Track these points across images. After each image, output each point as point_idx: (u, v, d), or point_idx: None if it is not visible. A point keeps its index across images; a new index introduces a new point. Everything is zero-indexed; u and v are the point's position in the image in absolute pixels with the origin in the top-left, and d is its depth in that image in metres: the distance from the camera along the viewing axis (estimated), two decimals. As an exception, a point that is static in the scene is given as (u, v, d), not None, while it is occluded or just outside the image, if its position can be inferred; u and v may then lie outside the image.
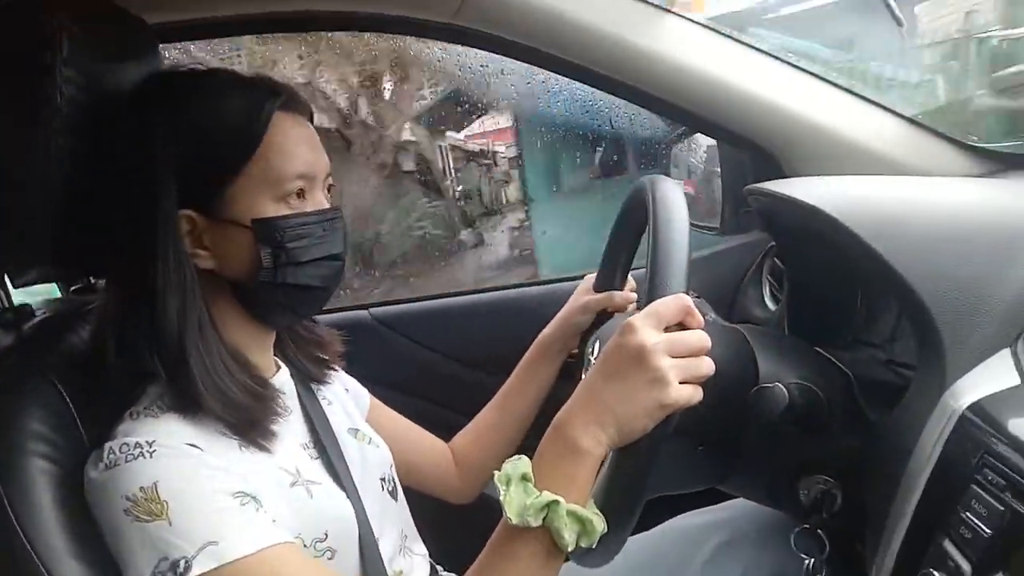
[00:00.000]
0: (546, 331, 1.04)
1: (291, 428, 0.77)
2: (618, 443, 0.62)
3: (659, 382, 0.60)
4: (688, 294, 0.64)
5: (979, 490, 0.53)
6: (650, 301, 0.63)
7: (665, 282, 0.63)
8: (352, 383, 0.98)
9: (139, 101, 0.72)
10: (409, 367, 1.30)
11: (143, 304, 0.68)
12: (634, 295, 1.00)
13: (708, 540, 0.96)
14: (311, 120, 0.77)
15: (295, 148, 0.71)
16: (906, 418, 0.68)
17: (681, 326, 0.63)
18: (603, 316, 1.00)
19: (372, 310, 1.34)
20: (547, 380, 1.03)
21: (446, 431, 1.09)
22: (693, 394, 0.61)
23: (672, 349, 0.61)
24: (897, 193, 0.88)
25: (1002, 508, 0.51)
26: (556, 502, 0.60)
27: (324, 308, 0.82)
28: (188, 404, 0.67)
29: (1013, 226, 0.74)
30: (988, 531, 0.52)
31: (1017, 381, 0.60)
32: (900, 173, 1.05)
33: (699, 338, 0.63)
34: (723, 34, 1.11)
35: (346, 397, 0.94)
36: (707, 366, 0.62)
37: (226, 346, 0.72)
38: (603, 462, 0.64)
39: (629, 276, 1.02)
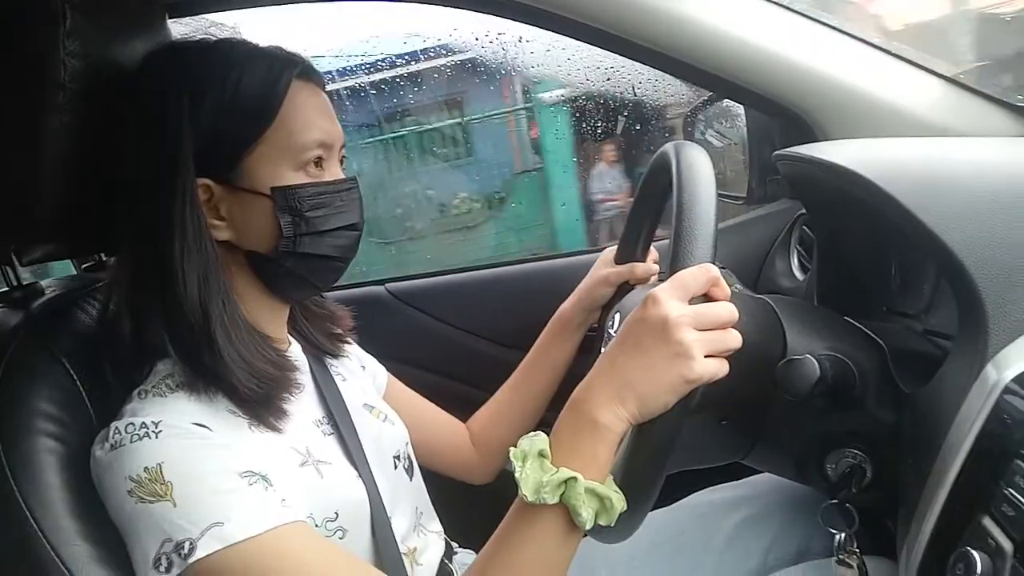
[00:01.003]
0: (565, 305, 1.01)
1: (303, 405, 0.76)
2: (639, 419, 0.59)
3: (683, 356, 0.57)
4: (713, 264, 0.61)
5: (1024, 465, 0.50)
6: (674, 271, 0.60)
7: (690, 251, 0.60)
8: (369, 360, 0.97)
9: (159, 70, 0.71)
10: (427, 342, 1.29)
11: (161, 276, 0.67)
12: (656, 267, 0.97)
13: (731, 516, 0.93)
14: (324, 90, 0.75)
15: (313, 116, 0.71)
16: (944, 390, 0.64)
17: (707, 298, 0.60)
18: (624, 288, 0.97)
19: (388, 285, 1.32)
20: (566, 355, 1.01)
21: (465, 406, 1.07)
22: (719, 368, 0.59)
23: (698, 322, 0.58)
24: (937, 154, 0.83)
25: (1049, 485, 0.47)
26: (574, 479, 0.58)
27: (339, 284, 0.81)
28: (209, 376, 0.67)
29: None
30: (1033, 509, 0.49)
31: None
32: (940, 135, 1.00)
33: (726, 310, 0.60)
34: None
35: (362, 374, 0.93)
36: (734, 339, 0.60)
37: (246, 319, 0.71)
38: (623, 438, 0.61)
39: (651, 248, 0.99)
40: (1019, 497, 0.49)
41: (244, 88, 0.69)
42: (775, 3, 1.07)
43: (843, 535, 0.75)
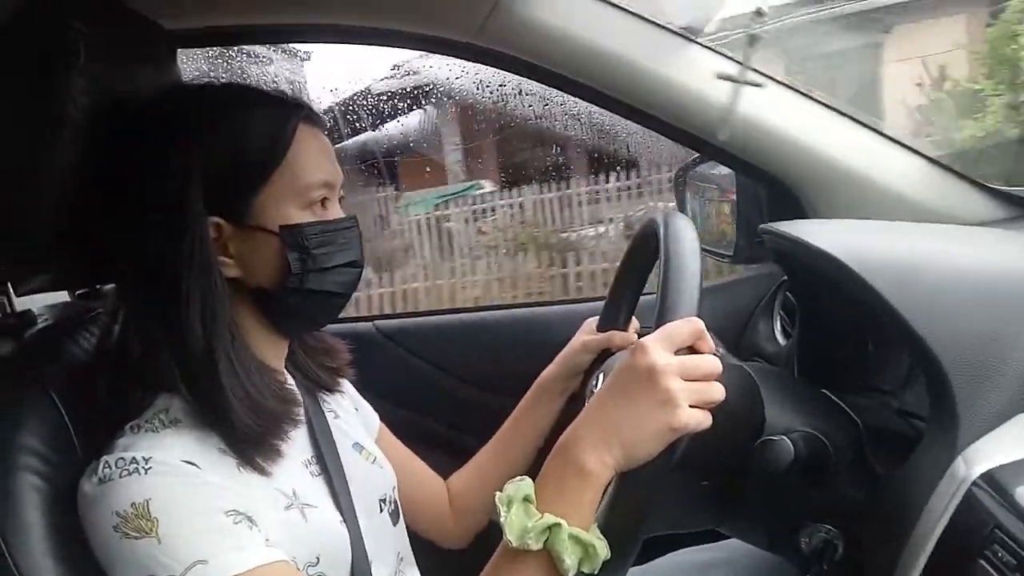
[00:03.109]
0: (546, 373, 1.02)
1: (295, 444, 0.76)
2: (624, 466, 0.60)
3: (669, 404, 0.59)
4: None
5: (988, 567, 0.51)
6: (660, 324, 0.62)
7: (676, 305, 0.63)
8: (363, 404, 0.98)
9: (168, 110, 0.73)
10: (413, 383, 1.29)
11: (168, 312, 0.68)
12: (635, 336, 0.99)
13: None
14: (325, 133, 0.78)
15: (318, 158, 0.74)
16: (915, 477, 0.66)
17: (692, 350, 0.62)
18: (605, 355, 0.98)
19: (377, 323, 1.33)
20: (546, 423, 1.01)
21: (448, 450, 1.08)
22: (703, 419, 0.60)
23: (683, 371, 0.60)
24: (915, 242, 0.85)
25: (1012, 589, 0.49)
26: (558, 525, 0.59)
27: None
28: (211, 411, 0.67)
29: None
30: (997, 611, 0.50)
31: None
32: (922, 216, 1.03)
33: (711, 362, 0.62)
34: (746, 65, 1.10)
35: (355, 414, 0.93)
36: (718, 391, 0.61)
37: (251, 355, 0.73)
38: (608, 485, 0.62)
39: (633, 318, 1.00)
40: (983, 597, 0.51)
41: (254, 132, 0.71)
42: (767, 76, 1.11)
43: None
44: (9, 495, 0.62)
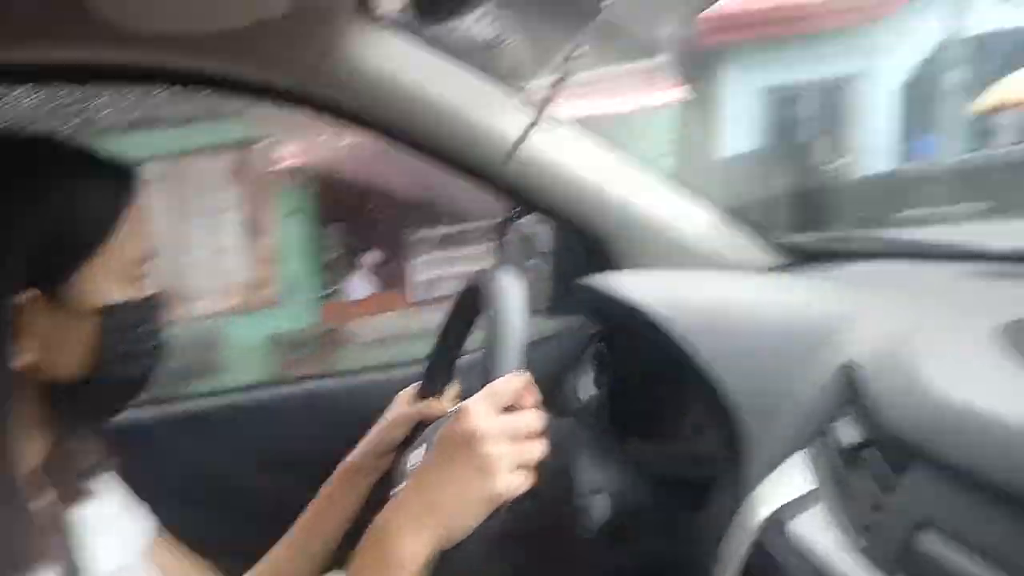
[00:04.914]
0: (351, 458, 0.92)
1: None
2: (445, 541, 0.56)
3: (488, 471, 0.56)
4: None
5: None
6: (486, 383, 0.61)
7: (500, 362, 0.61)
8: (134, 508, 0.82)
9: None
10: (196, 476, 1.12)
11: None
12: (447, 406, 0.94)
13: None
14: None
15: (144, 229, 0.65)
16: (710, 523, 0.66)
17: (516, 407, 0.60)
18: (420, 428, 0.92)
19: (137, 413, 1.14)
20: (352, 510, 0.91)
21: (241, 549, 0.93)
22: (522, 483, 0.58)
23: (506, 433, 0.58)
24: (711, 290, 0.90)
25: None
26: None
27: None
28: None
29: (807, 321, 0.75)
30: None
31: (812, 486, 0.59)
32: (718, 264, 1.10)
33: (532, 419, 0.60)
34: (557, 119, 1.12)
35: (118, 526, 0.77)
36: (538, 449, 0.60)
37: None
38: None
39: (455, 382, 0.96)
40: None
41: (91, 204, 0.62)
42: (577, 128, 1.14)
43: None
44: None
